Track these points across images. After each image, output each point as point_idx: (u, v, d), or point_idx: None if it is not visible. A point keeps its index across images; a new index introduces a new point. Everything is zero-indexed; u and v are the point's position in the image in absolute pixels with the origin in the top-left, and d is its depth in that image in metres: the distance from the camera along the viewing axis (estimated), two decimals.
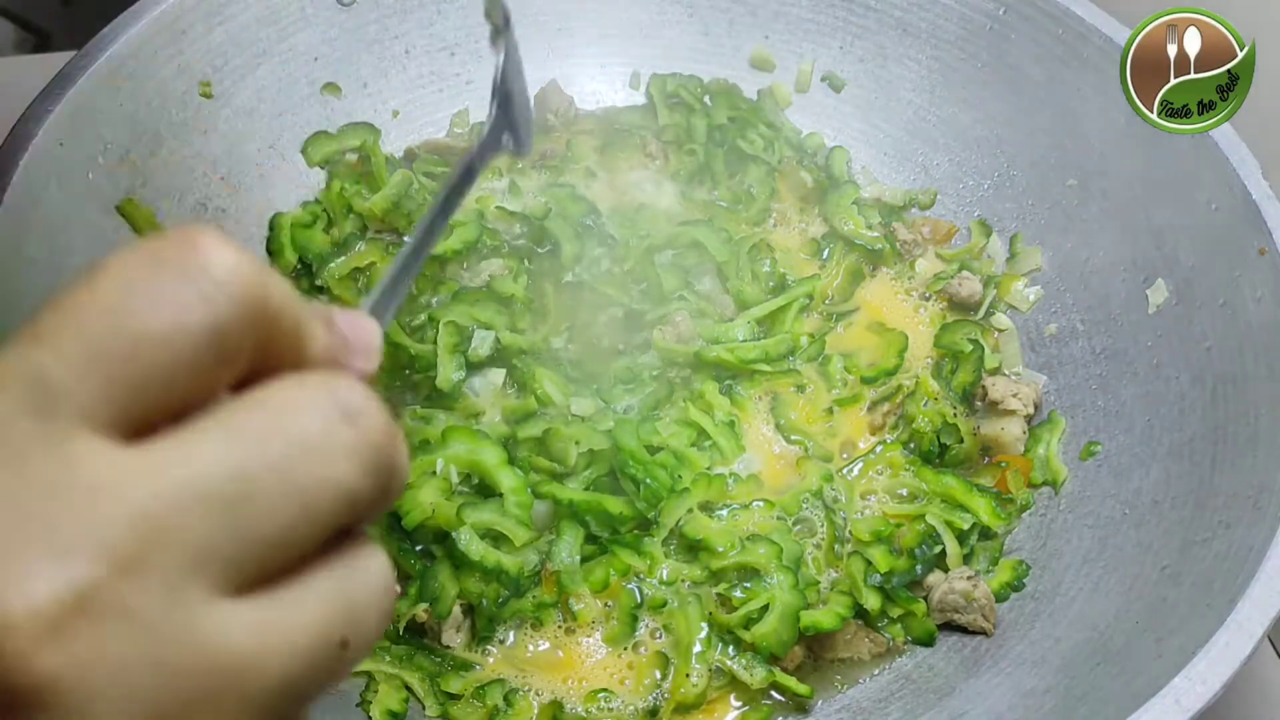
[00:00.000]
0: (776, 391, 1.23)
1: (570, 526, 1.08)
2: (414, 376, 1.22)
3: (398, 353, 1.23)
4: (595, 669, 1.05)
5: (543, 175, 1.42)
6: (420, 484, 1.07)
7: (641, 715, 1.03)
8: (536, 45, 1.49)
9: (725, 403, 1.20)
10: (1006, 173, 1.39)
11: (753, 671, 1.03)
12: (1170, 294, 1.18)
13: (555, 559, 1.06)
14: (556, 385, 1.20)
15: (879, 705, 1.05)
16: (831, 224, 1.39)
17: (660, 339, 1.23)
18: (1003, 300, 1.35)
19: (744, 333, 1.24)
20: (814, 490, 1.14)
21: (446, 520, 1.05)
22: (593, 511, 1.08)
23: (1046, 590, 1.10)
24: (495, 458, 1.09)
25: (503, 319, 1.24)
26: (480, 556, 1.03)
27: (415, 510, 1.05)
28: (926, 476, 1.17)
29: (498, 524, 1.06)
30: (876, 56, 1.46)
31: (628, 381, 1.22)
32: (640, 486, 1.08)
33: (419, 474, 1.08)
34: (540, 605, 1.06)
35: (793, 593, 1.05)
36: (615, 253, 1.33)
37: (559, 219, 1.33)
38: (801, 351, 1.27)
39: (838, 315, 1.33)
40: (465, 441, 1.10)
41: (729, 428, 1.18)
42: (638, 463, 1.08)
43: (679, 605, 1.07)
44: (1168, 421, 1.12)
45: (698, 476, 1.11)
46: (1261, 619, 0.85)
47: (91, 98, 1.11)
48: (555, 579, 1.06)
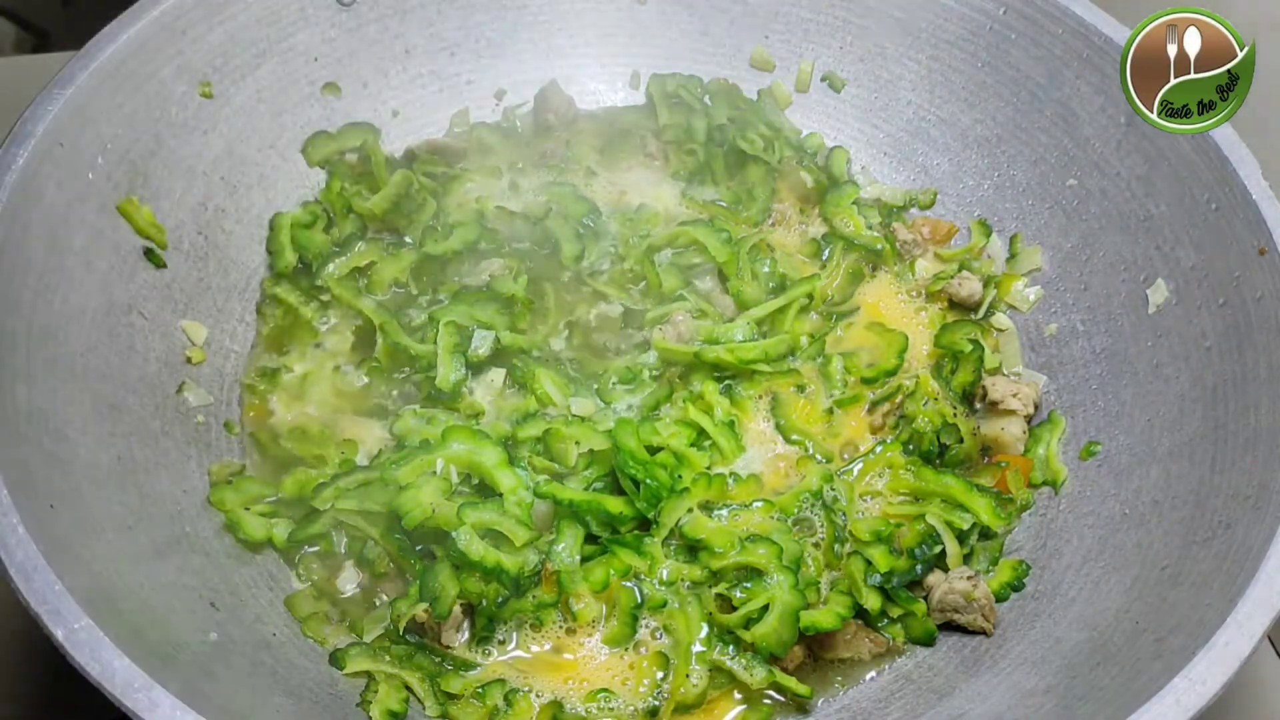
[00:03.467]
0: (776, 392, 1.23)
1: (570, 526, 1.08)
2: (414, 376, 1.22)
3: (398, 353, 1.23)
4: (596, 670, 1.05)
5: (543, 174, 1.42)
6: (421, 484, 1.07)
7: (641, 715, 1.03)
8: (536, 45, 1.50)
9: (725, 402, 1.20)
10: (1006, 173, 1.39)
11: (753, 672, 1.04)
12: (1170, 294, 1.18)
13: (555, 559, 1.06)
14: (557, 385, 1.20)
15: (879, 705, 1.05)
16: (832, 224, 1.40)
17: (660, 339, 1.23)
18: (1003, 300, 1.35)
19: (743, 333, 1.24)
20: (814, 490, 1.14)
21: (446, 520, 1.05)
22: (592, 511, 1.08)
23: (1046, 590, 1.10)
24: (495, 458, 1.09)
25: (503, 319, 1.24)
26: (480, 556, 1.04)
27: (415, 510, 1.05)
28: (927, 476, 1.17)
29: (497, 524, 1.06)
30: (876, 56, 1.46)
31: (627, 381, 1.22)
32: (640, 486, 1.08)
33: (419, 474, 1.09)
34: (540, 605, 1.06)
35: (793, 593, 1.05)
36: (615, 252, 1.33)
37: (559, 219, 1.33)
38: (801, 351, 1.27)
39: (838, 315, 1.33)
40: (465, 441, 1.10)
41: (729, 428, 1.18)
42: (637, 463, 1.08)
43: (679, 605, 1.07)
44: (1168, 421, 1.12)
45: (698, 476, 1.11)
46: (1261, 619, 0.85)
47: (91, 98, 1.11)
48: (555, 579, 1.06)
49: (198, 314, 1.22)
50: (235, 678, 0.93)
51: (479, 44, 1.48)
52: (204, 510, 1.10)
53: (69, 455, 0.97)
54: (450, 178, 1.40)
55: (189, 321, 1.20)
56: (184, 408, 1.16)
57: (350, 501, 1.10)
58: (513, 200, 1.37)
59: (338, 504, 1.10)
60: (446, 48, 1.46)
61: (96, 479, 0.99)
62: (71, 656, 0.78)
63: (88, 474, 0.98)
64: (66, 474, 0.95)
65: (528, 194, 1.38)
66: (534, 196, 1.37)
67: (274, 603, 1.07)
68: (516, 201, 1.37)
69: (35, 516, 0.85)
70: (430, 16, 1.44)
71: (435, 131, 1.47)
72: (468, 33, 1.46)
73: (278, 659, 1.00)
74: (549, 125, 1.48)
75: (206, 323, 1.23)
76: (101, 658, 0.78)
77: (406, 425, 1.17)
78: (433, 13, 1.44)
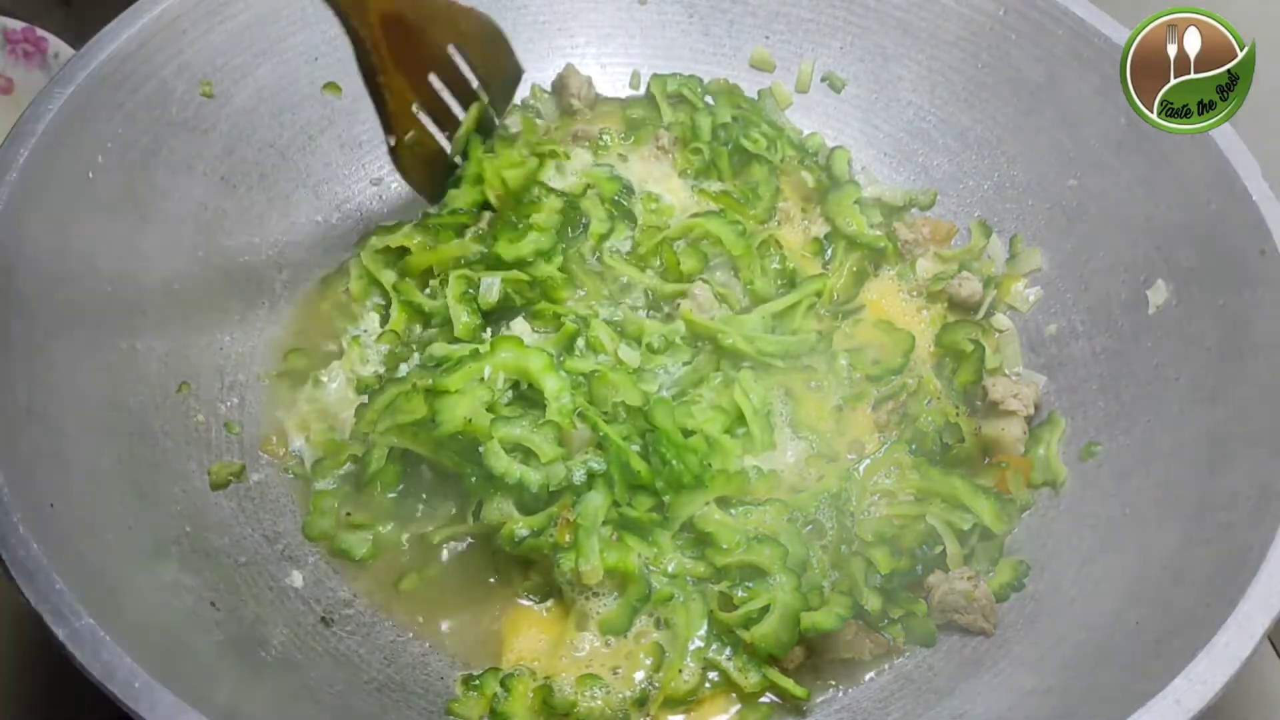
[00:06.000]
0: (789, 387, 1.23)
1: (602, 484, 1.08)
2: (429, 332, 1.23)
3: (412, 313, 1.24)
4: (591, 655, 1.06)
5: (582, 154, 1.41)
6: (465, 391, 1.09)
7: (630, 704, 1.03)
8: (537, 45, 1.50)
9: (761, 391, 1.19)
10: (1006, 173, 1.39)
11: (748, 674, 1.03)
12: (1170, 294, 1.18)
13: (582, 509, 1.07)
14: (608, 334, 1.20)
15: (879, 705, 1.05)
16: (834, 223, 1.39)
17: (687, 310, 1.24)
18: (1003, 301, 1.35)
19: (759, 325, 1.24)
20: (833, 491, 1.14)
21: (481, 430, 1.07)
22: (619, 460, 1.08)
23: (1046, 590, 1.10)
24: (542, 362, 1.12)
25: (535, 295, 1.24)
26: (504, 470, 1.05)
27: (450, 421, 1.07)
28: (933, 477, 1.17)
29: (526, 439, 1.07)
30: (876, 56, 1.47)
31: (662, 350, 1.22)
32: (666, 466, 1.08)
33: (467, 380, 1.10)
34: (555, 547, 1.06)
35: (794, 595, 1.05)
36: (635, 236, 1.32)
37: (594, 200, 1.32)
38: (813, 348, 1.27)
39: (844, 314, 1.33)
40: (513, 349, 1.12)
41: (765, 418, 1.18)
42: (671, 444, 1.09)
43: (683, 600, 1.06)
44: (1168, 422, 1.12)
45: (718, 474, 1.11)
46: (1261, 619, 0.85)
47: (91, 98, 1.11)
48: (573, 529, 1.06)
49: (198, 313, 1.22)
50: (235, 677, 0.93)
51: None
52: (204, 510, 1.10)
53: (69, 455, 0.97)
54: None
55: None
56: (184, 408, 1.16)
57: (389, 419, 1.12)
58: (559, 178, 1.36)
59: (378, 427, 1.13)
60: None
61: (96, 479, 0.99)
62: (73, 656, 0.78)
63: (88, 474, 0.98)
64: (66, 474, 0.95)
65: (570, 175, 1.37)
66: (573, 178, 1.36)
67: (274, 603, 1.07)
68: (562, 180, 1.36)
69: (35, 516, 0.85)
70: None
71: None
72: None
73: (278, 659, 1.00)
74: (573, 109, 1.48)
75: (207, 322, 1.23)
76: (103, 657, 0.78)
77: (442, 347, 1.18)
78: None
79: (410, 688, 1.05)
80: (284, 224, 1.34)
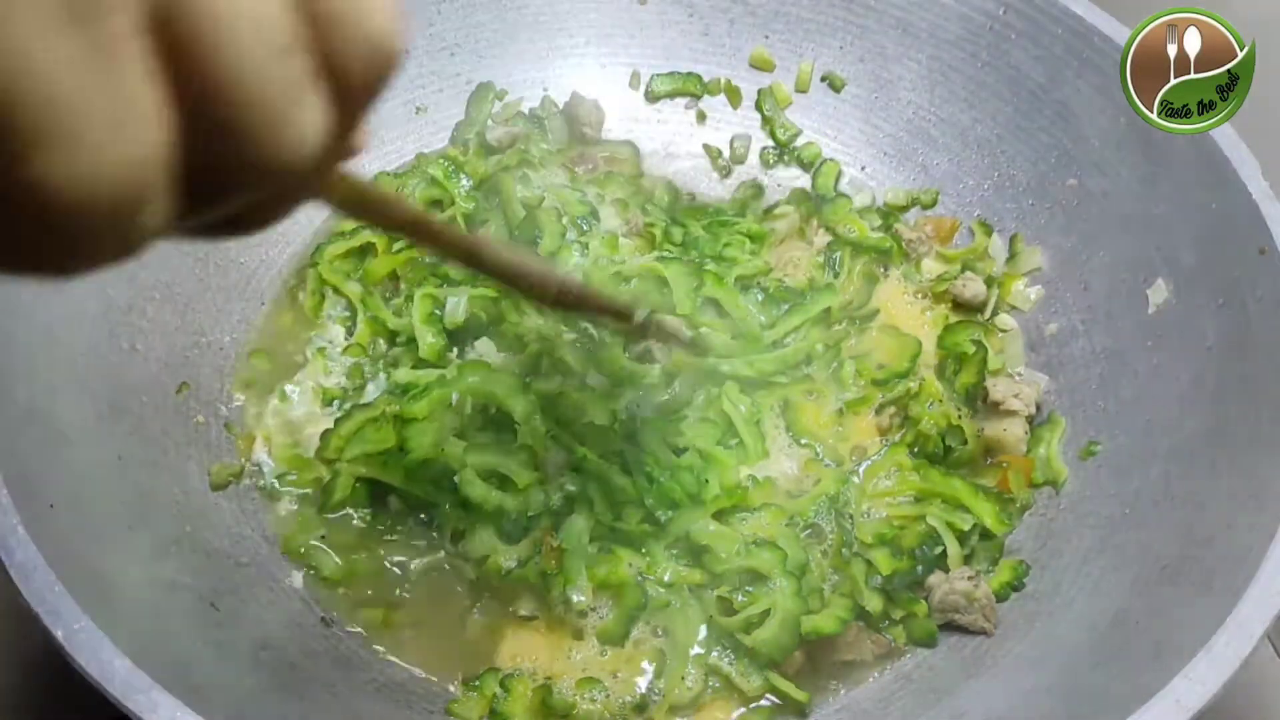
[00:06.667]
0: (789, 397, 1.23)
1: (583, 506, 1.08)
2: (393, 351, 1.22)
3: (376, 327, 1.23)
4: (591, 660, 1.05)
5: (561, 175, 1.40)
6: (433, 418, 1.07)
7: (630, 709, 1.03)
8: (536, 45, 1.50)
9: (748, 401, 1.19)
10: (1006, 173, 1.39)
11: (749, 678, 1.03)
12: (1170, 294, 1.18)
13: (566, 533, 1.06)
14: (574, 357, 1.19)
15: (879, 706, 1.05)
16: (835, 232, 1.39)
17: (679, 358, 1.19)
18: (1004, 300, 1.35)
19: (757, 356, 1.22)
20: (831, 495, 1.14)
21: (454, 458, 1.05)
22: (600, 478, 1.08)
23: (1046, 590, 1.10)
24: (509, 386, 1.10)
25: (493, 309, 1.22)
26: (481, 498, 1.04)
27: (420, 449, 1.06)
28: (934, 479, 1.17)
29: (500, 465, 1.06)
30: (876, 56, 1.46)
31: (629, 381, 1.20)
32: (655, 484, 1.07)
33: (433, 408, 1.09)
34: (543, 574, 1.06)
35: (795, 599, 1.05)
36: (585, 266, 1.28)
37: (552, 213, 1.30)
38: (818, 358, 1.26)
39: (859, 320, 1.31)
40: (479, 373, 1.11)
41: (755, 426, 1.17)
42: (658, 464, 1.08)
43: (680, 606, 1.06)
44: (1168, 421, 1.12)
45: (719, 493, 1.10)
46: (1261, 619, 0.85)
47: None
48: (558, 555, 1.06)
49: (198, 314, 1.22)
50: (236, 678, 0.93)
51: (479, 44, 1.48)
52: (204, 510, 1.10)
53: (69, 455, 0.97)
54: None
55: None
56: (184, 408, 1.16)
57: (356, 447, 1.11)
58: (523, 187, 1.35)
59: (345, 455, 1.11)
60: (446, 48, 1.46)
61: (96, 479, 0.99)
62: (72, 657, 0.78)
63: (88, 474, 0.98)
64: (66, 474, 0.95)
65: (536, 188, 1.35)
66: (539, 190, 1.34)
67: (274, 603, 1.07)
68: (525, 189, 1.34)
69: (35, 516, 0.85)
70: (430, 16, 1.44)
71: (435, 131, 1.47)
72: (468, 33, 1.46)
73: (278, 659, 1.00)
74: (586, 138, 1.47)
75: (207, 322, 1.23)
76: (102, 658, 0.78)
77: (407, 374, 1.17)
78: (432, 13, 1.44)
79: (410, 688, 1.05)
80: (284, 224, 1.33)
